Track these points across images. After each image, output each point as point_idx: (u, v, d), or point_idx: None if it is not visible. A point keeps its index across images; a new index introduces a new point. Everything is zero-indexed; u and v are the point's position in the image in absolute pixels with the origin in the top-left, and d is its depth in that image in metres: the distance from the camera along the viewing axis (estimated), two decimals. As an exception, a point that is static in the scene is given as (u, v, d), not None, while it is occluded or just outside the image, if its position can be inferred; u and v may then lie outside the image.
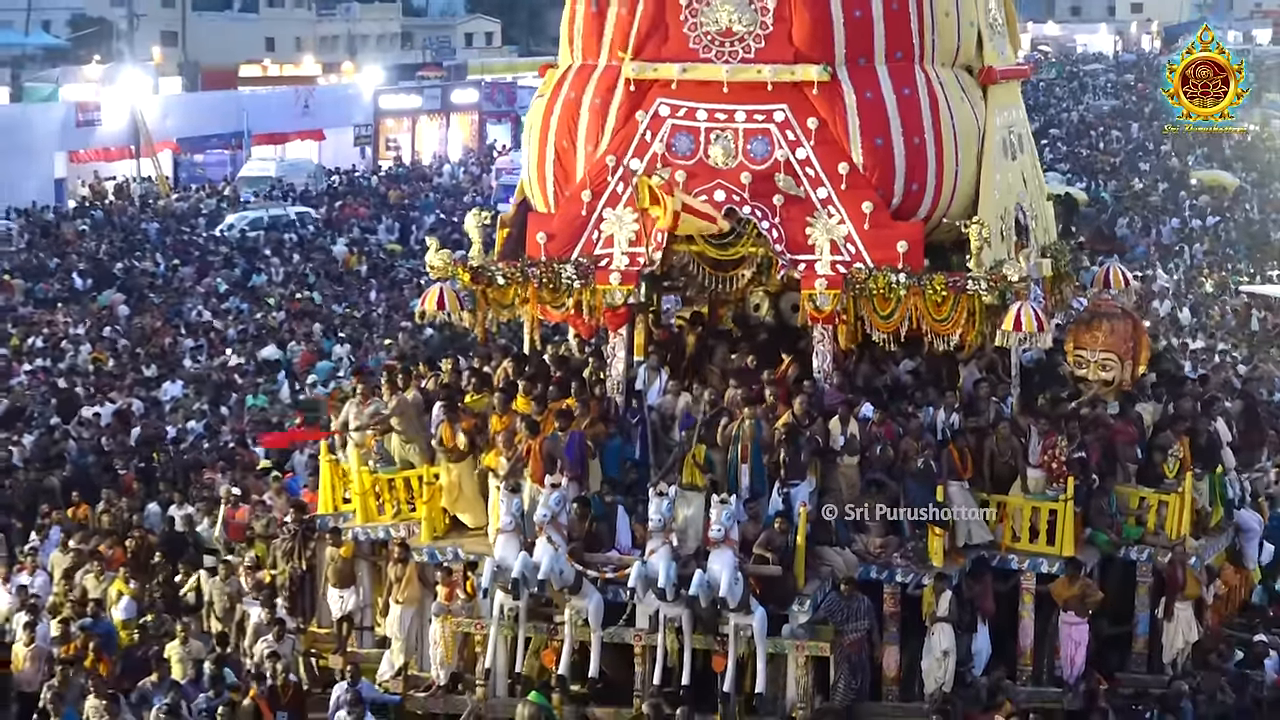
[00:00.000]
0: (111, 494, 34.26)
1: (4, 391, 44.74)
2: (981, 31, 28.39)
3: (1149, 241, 68.30)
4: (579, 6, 28.06)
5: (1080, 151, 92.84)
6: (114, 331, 52.81)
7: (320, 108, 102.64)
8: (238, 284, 61.51)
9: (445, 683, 26.35)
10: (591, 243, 27.28)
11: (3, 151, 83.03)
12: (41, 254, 67.43)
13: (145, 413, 42.20)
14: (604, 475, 26.49)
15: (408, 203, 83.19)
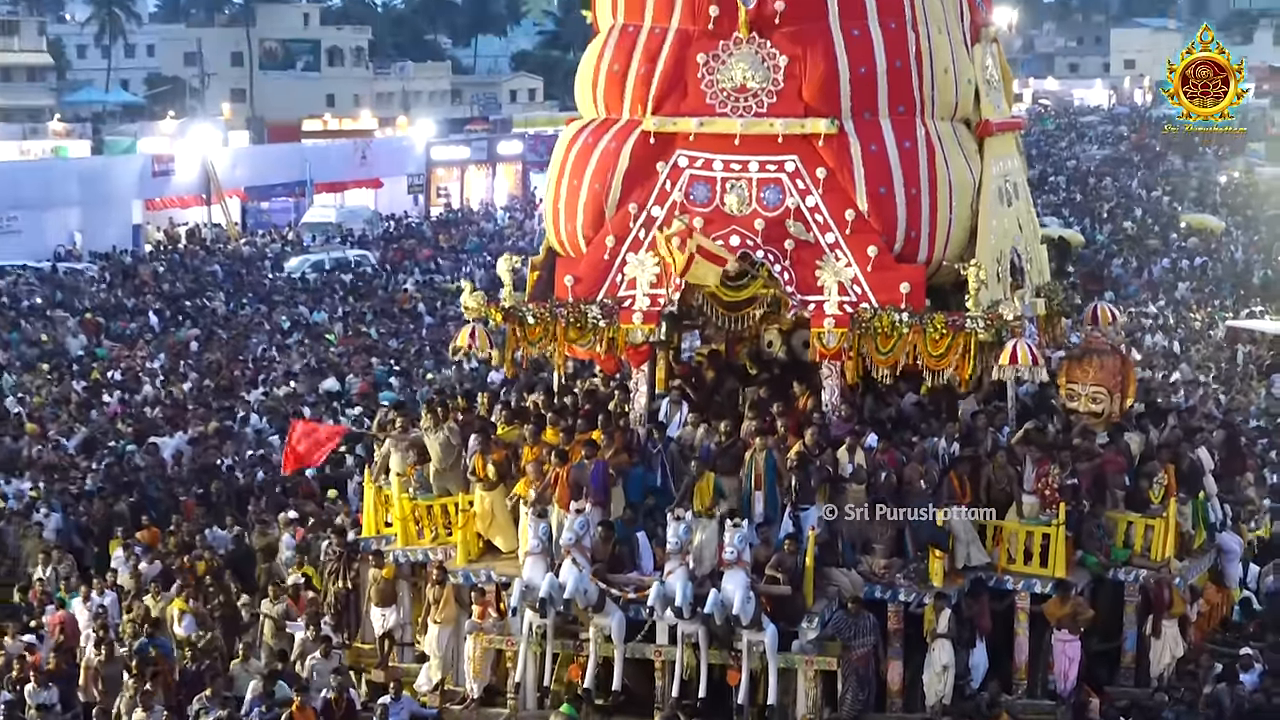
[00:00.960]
0: (179, 518, 34.18)
1: (83, 421, 44.55)
2: (978, 87, 28.17)
3: (1141, 281, 68.04)
4: (602, 64, 27.79)
5: (1075, 196, 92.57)
6: (186, 365, 52.63)
7: (376, 158, 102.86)
8: (300, 321, 61.39)
9: (479, 696, 26.08)
10: (615, 285, 27.07)
11: (85, 200, 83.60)
12: (120, 294, 67.63)
13: (211, 442, 42.12)
14: (626, 501, 26.20)
15: (456, 245, 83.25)
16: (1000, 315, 25.83)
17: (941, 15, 27.51)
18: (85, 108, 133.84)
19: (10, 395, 48.31)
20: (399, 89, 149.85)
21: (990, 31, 28.88)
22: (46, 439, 42.43)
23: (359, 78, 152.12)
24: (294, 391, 48.29)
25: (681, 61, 27.09)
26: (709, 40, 26.99)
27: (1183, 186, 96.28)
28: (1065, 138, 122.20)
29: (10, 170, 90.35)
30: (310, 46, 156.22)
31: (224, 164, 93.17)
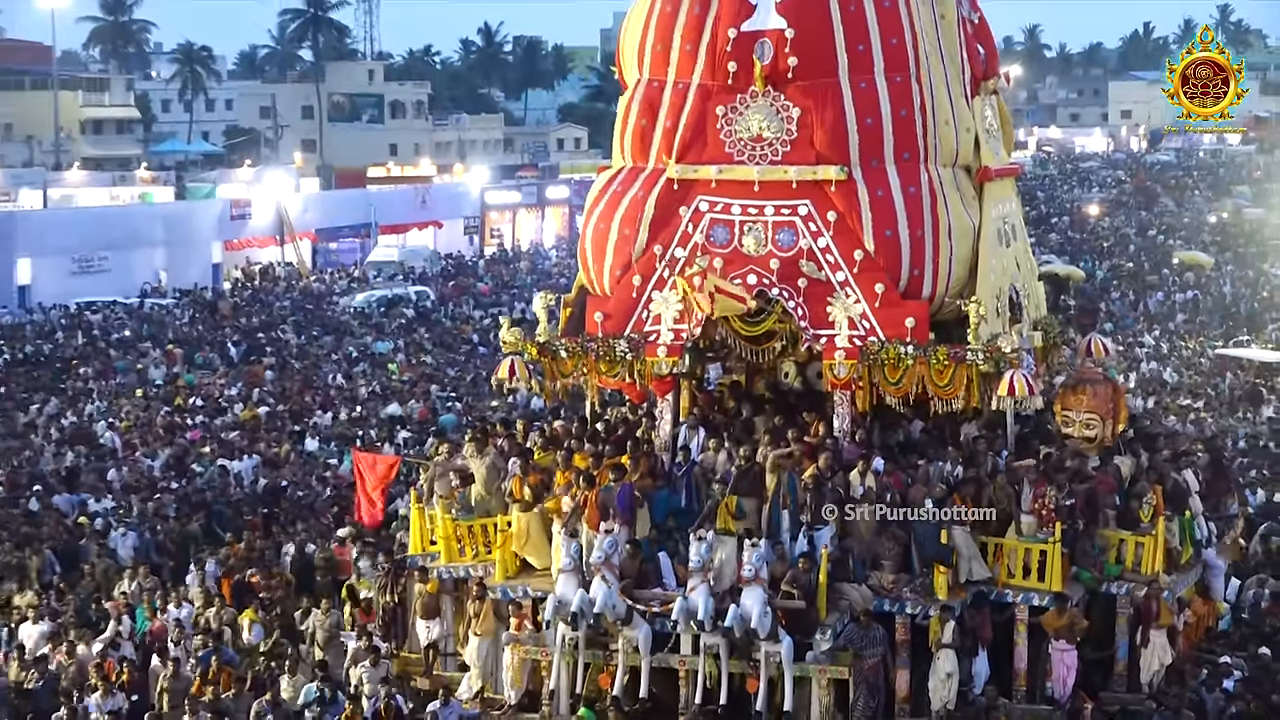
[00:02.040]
0: (249, 535, 34.05)
1: (168, 444, 44.62)
2: (978, 136, 27.91)
3: (1137, 313, 67.85)
4: (630, 118, 27.69)
5: (1074, 235, 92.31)
6: (261, 393, 52.57)
7: (435, 202, 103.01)
8: (365, 351, 61.32)
9: (516, 702, 25.86)
10: (642, 321, 26.93)
11: (169, 241, 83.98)
12: (201, 327, 67.92)
13: (280, 463, 42.10)
14: (652, 522, 25.99)
15: (508, 281, 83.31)
16: (999, 348, 25.61)
17: (943, 69, 27.27)
18: (169, 157, 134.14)
19: (101, 420, 48.39)
20: (456, 139, 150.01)
21: (990, 84, 28.69)
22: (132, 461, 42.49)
23: (419, 129, 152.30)
24: (360, 416, 48.35)
25: (702, 114, 27.03)
26: (727, 94, 26.90)
27: (1175, 226, 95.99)
28: (1067, 182, 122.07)
29: (101, 214, 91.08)
30: (375, 100, 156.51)
31: (296, 208, 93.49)
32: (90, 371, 56.49)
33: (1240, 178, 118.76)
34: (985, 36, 28.75)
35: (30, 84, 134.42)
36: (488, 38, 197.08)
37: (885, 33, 26.64)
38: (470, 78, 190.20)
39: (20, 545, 34.24)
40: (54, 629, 28.66)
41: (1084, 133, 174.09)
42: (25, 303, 73.76)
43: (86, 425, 47.66)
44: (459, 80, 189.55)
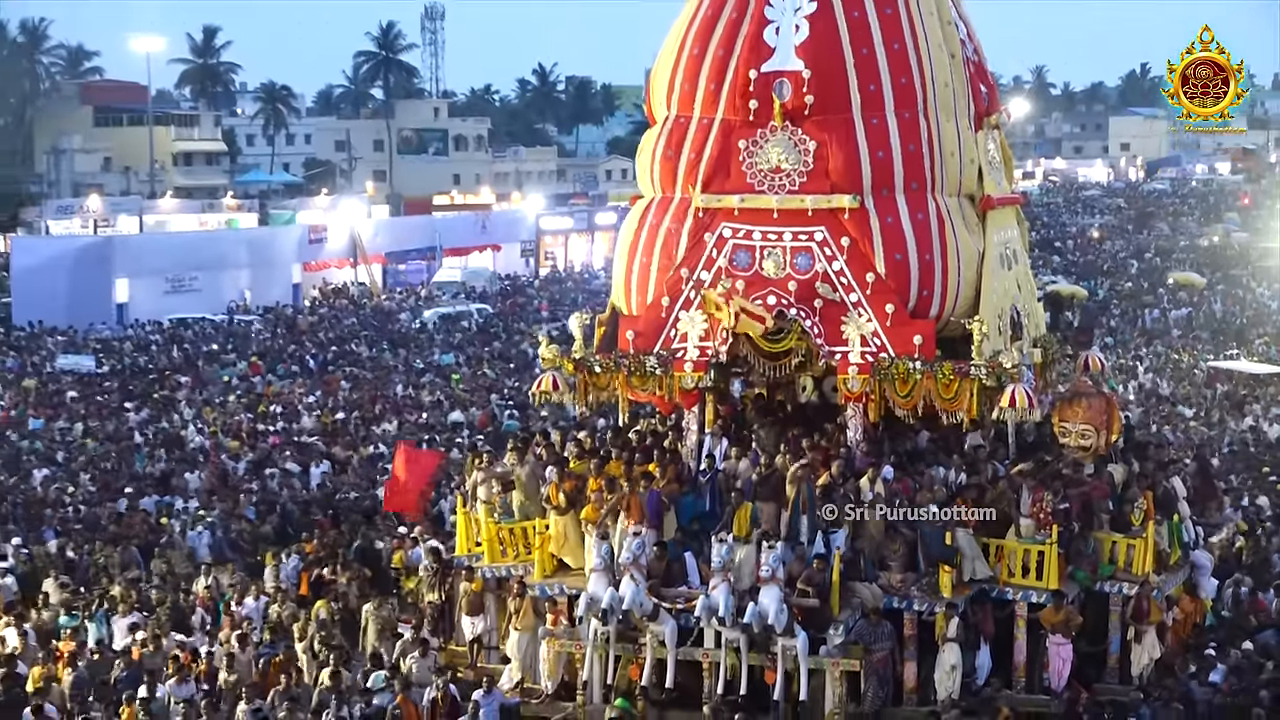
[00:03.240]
0: (320, 533, 33.79)
1: (252, 448, 44.59)
2: (981, 167, 27.46)
3: (1136, 329, 67.42)
4: (657, 150, 27.38)
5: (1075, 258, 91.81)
6: (335, 402, 52.41)
7: (495, 228, 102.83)
8: (431, 363, 61.06)
9: (553, 692, 25.52)
10: (670, 339, 26.62)
11: (254, 263, 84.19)
12: (282, 341, 67.81)
13: (341, 468, 41.86)
14: (678, 525, 25.72)
15: (559, 299, 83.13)
16: (1001, 364, 25.23)
17: (950, 105, 26.87)
18: (253, 186, 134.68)
19: (191, 425, 48.42)
20: (513, 170, 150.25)
21: (992, 120, 28.25)
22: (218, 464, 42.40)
23: (480, 160, 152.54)
24: (426, 422, 48.10)
25: (726, 147, 26.72)
26: (749, 129, 26.58)
27: (1170, 248, 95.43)
28: (1071, 209, 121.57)
29: (192, 239, 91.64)
30: (440, 135, 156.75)
31: (368, 233, 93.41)
32: (181, 381, 56.53)
33: (1230, 205, 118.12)
34: (986, 76, 28.34)
35: (128, 120, 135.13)
36: (542, 78, 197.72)
37: (895, 73, 26.28)
38: (527, 114, 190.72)
39: (107, 544, 34.05)
40: (138, 622, 28.35)
41: (1086, 164, 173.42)
42: (123, 319, 73.86)
43: (177, 431, 47.64)
44: (516, 116, 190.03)
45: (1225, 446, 41.99)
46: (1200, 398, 50.72)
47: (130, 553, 33.25)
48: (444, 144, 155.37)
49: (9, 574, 31.79)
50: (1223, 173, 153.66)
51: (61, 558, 33.16)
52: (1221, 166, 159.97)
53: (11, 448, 45.47)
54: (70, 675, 25.90)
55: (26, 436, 47.30)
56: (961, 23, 27.92)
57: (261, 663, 26.12)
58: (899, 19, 26.39)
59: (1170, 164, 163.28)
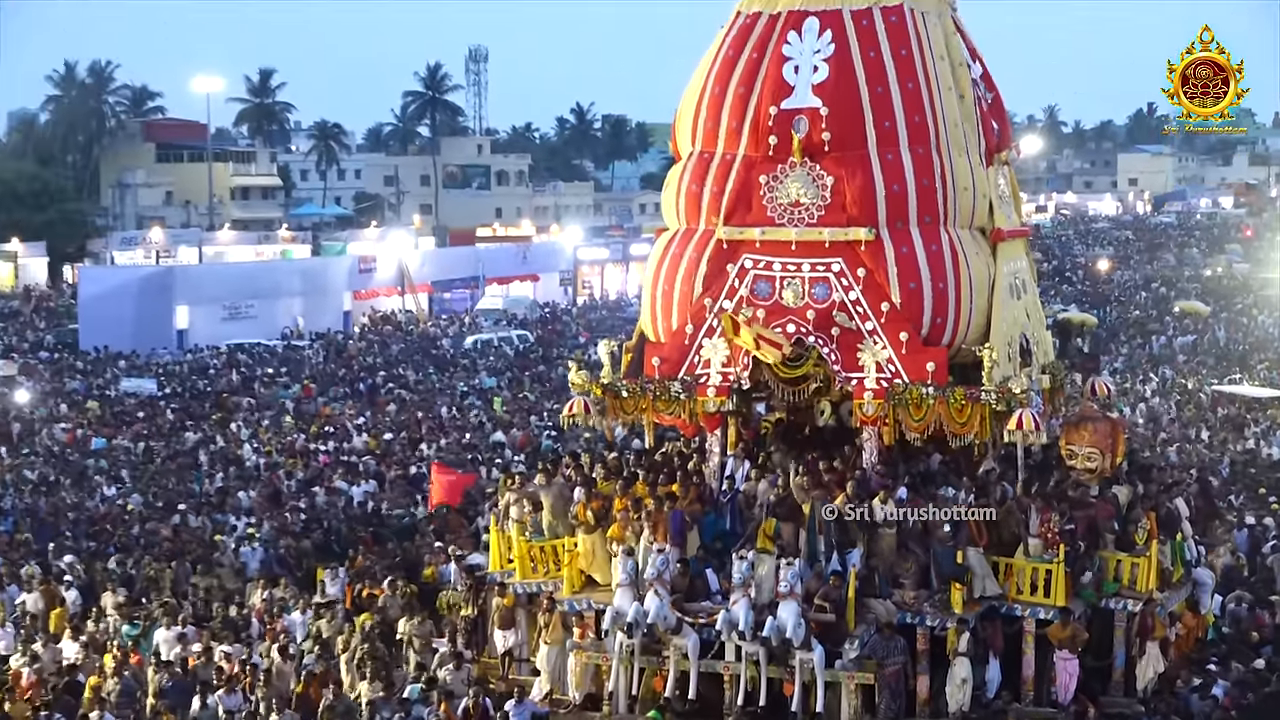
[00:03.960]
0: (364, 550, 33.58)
1: (304, 467, 44.57)
2: (992, 202, 27.15)
3: (1144, 354, 67.01)
4: (682, 185, 27.19)
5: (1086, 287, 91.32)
6: (384, 423, 52.33)
7: (535, 258, 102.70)
8: (474, 387, 60.94)
9: (580, 702, 25.28)
10: (694, 365, 26.38)
11: (307, 291, 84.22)
12: (333, 365, 67.65)
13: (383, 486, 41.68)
14: (701, 542, 25.45)
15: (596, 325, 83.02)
16: (1010, 389, 24.93)
17: (962, 142, 26.59)
18: (306, 219, 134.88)
19: (247, 445, 48.43)
20: (552, 203, 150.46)
21: (1002, 156, 27.98)
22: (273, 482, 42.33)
23: (521, 195, 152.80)
24: (469, 442, 47.86)
25: (747, 182, 26.49)
26: (769, 164, 26.36)
27: (1176, 278, 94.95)
28: (1081, 240, 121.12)
29: (249, 269, 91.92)
30: (483, 170, 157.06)
31: (415, 263, 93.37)
32: (238, 403, 56.52)
33: (1232, 237, 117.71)
34: (999, 113, 28.02)
35: (188, 157, 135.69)
36: (580, 116, 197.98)
37: (909, 111, 25.99)
38: (565, 151, 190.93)
39: (160, 559, 33.91)
40: (186, 634, 28.15)
41: (1096, 198, 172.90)
42: (183, 344, 74.01)
43: (234, 450, 47.60)
44: (555, 153, 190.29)
45: (1224, 467, 41.56)
46: (1202, 421, 50.32)
47: (183, 568, 33.11)
48: (487, 179, 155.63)
49: (70, 587, 31.67)
50: (1226, 207, 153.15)
51: (120, 572, 33.02)
52: (1225, 201, 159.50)
53: (76, 466, 45.49)
54: (116, 684, 25.73)
55: (90, 455, 47.35)
56: (975, 63, 27.66)
57: (303, 674, 25.88)
58: (912, 60, 26.12)
59: (1176, 198, 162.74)
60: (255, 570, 33.70)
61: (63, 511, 39.51)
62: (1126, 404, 51.62)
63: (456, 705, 24.01)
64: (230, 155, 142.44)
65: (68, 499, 41.08)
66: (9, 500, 40.91)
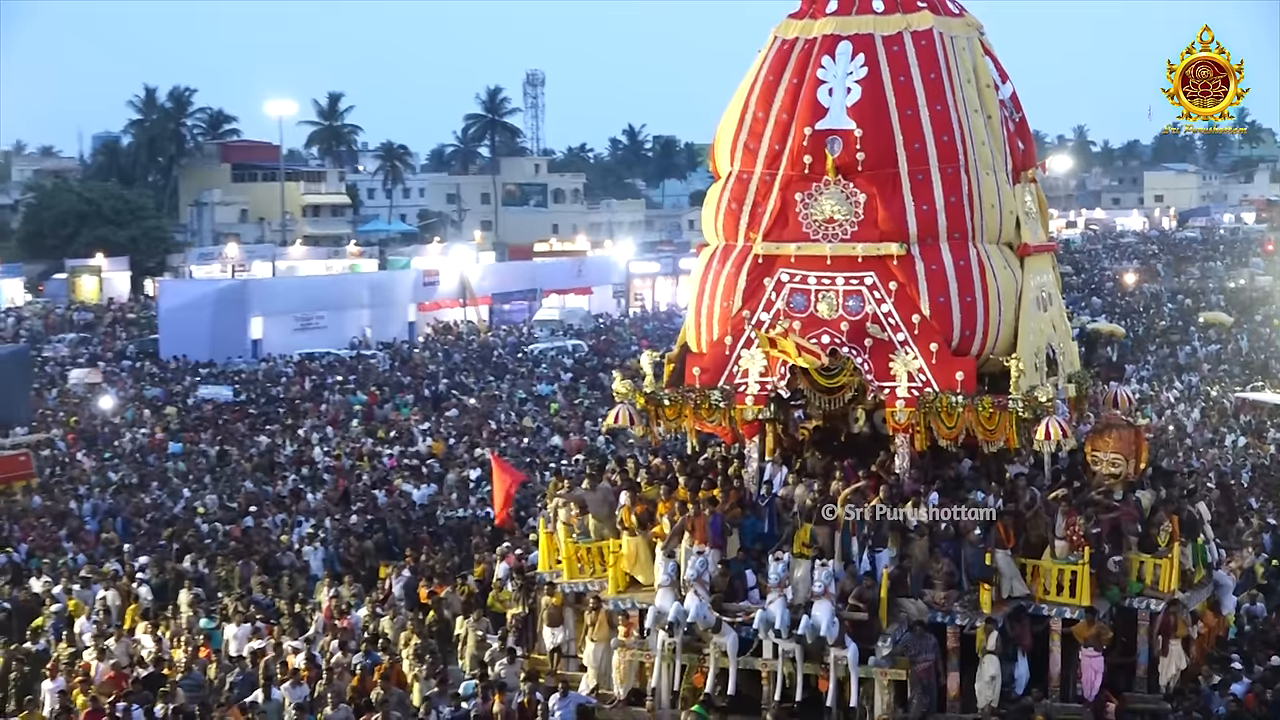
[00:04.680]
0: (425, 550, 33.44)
1: (372, 468, 44.78)
2: (1019, 218, 26.76)
3: (1170, 364, 66.41)
4: (721, 203, 26.88)
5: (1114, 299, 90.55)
6: (446, 428, 52.21)
7: (589, 271, 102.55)
8: (532, 394, 60.85)
9: (625, 697, 25.00)
10: (733, 374, 26.09)
11: (373, 303, 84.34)
12: (399, 373, 67.57)
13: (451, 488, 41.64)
14: (740, 545, 25.17)
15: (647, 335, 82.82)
16: (1036, 398, 24.61)
17: (989, 161, 26.19)
18: (373, 235, 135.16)
19: (317, 449, 48.57)
20: (606, 220, 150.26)
21: (1029, 174, 27.62)
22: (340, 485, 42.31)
23: (576, 211, 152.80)
24: (528, 446, 47.82)
25: (783, 200, 26.22)
26: (805, 183, 26.08)
27: (1200, 290, 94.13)
28: (1109, 255, 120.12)
29: (319, 282, 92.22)
30: (540, 189, 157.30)
31: (476, 276, 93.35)
32: (309, 409, 56.62)
33: (1254, 251, 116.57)
34: (1025, 133, 27.65)
35: (262, 176, 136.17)
36: (632, 137, 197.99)
37: (938, 131, 25.65)
38: (618, 170, 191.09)
39: (229, 558, 33.88)
40: (254, 630, 28.05)
41: (1123, 214, 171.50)
42: (258, 353, 74.18)
43: (306, 453, 47.63)
44: (609, 172, 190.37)
45: (1246, 471, 41.08)
46: (1225, 426, 49.83)
47: (250, 566, 33.06)
48: (544, 197, 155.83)
49: (145, 584, 31.67)
50: (1248, 222, 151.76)
51: (194, 571, 33.00)
52: (1247, 216, 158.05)
53: (156, 469, 45.60)
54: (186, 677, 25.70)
55: (168, 459, 47.47)
56: (1004, 85, 27.30)
57: (361, 669, 25.72)
58: (941, 83, 25.81)
59: (1200, 214, 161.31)
60: (317, 569, 33.63)
61: (143, 512, 39.59)
62: (1154, 410, 51.16)
63: (510, 699, 23.84)
64: (301, 175, 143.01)
65: (147, 500, 41.15)
66: (94, 502, 41.03)
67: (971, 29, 26.97)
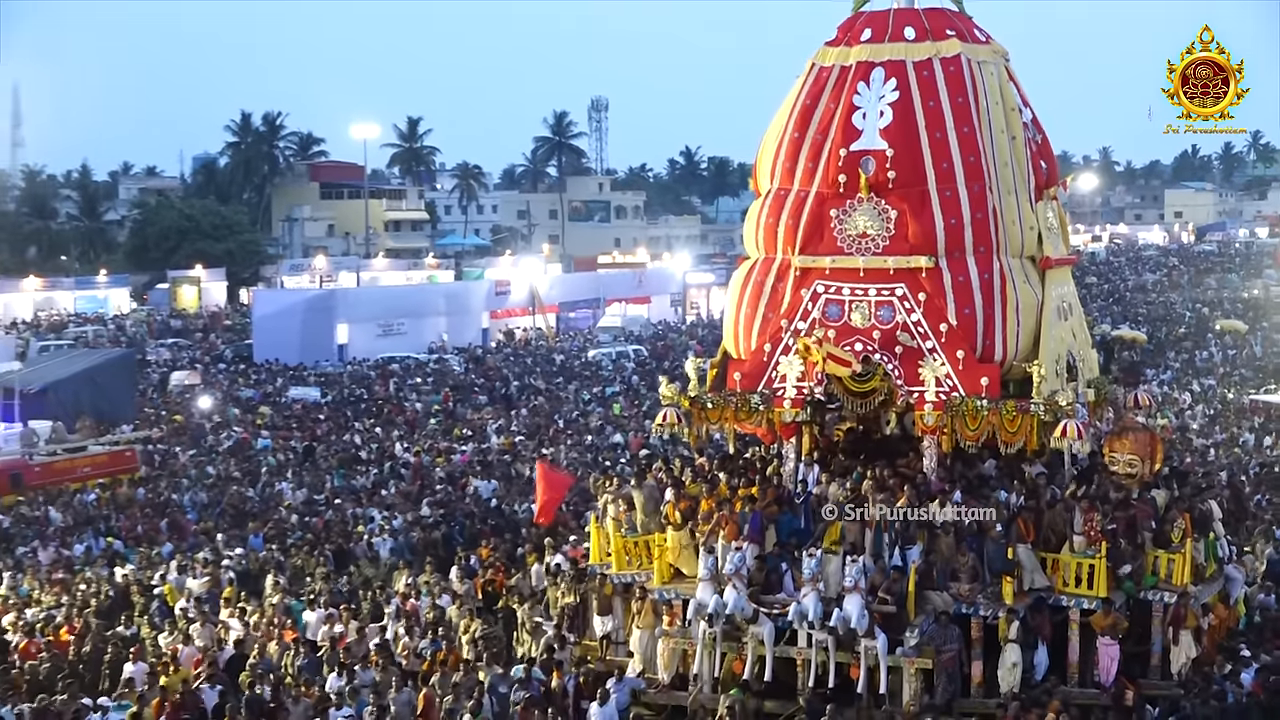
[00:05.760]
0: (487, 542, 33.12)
1: (447, 463, 44.73)
2: (1041, 233, 26.26)
3: (1188, 368, 65.46)
4: (761, 219, 26.47)
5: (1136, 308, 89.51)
6: (516, 426, 52.06)
7: (649, 282, 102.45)
8: (596, 395, 60.61)
9: (668, 682, 24.52)
10: (771, 379, 25.61)
11: (450, 311, 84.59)
12: (473, 376, 67.50)
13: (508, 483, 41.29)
14: (776, 540, 24.64)
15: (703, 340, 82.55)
16: (1057, 402, 24.05)
17: (1011, 181, 25.70)
18: (450, 248, 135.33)
19: (397, 445, 48.60)
20: (664, 234, 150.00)
21: (1050, 191, 27.05)
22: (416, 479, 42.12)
23: (637, 227, 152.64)
24: (591, 444, 47.57)
25: (819, 216, 25.79)
26: (839, 200, 25.64)
27: (1217, 300, 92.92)
28: (1132, 266, 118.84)
29: (400, 292, 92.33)
30: (603, 205, 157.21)
31: (544, 287, 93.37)
32: (390, 409, 56.49)
33: (1267, 263, 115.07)
34: (1047, 153, 27.10)
35: (348, 194, 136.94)
36: (688, 158, 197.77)
37: (965, 151, 25.22)
38: (675, 188, 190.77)
39: (303, 547, 33.68)
40: (330, 615, 27.78)
41: (1145, 229, 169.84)
42: (343, 357, 74.39)
43: (387, 450, 47.51)
44: (667, 190, 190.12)
45: (1254, 469, 40.30)
46: (1236, 426, 49.04)
47: (324, 556, 32.82)
48: (607, 213, 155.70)
49: (232, 571, 31.49)
50: (1262, 236, 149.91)
51: (274, 559, 32.81)
52: (1261, 231, 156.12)
53: (251, 464, 45.63)
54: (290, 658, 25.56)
55: (259, 454, 47.47)
56: (1026, 109, 26.78)
57: (429, 654, 25.41)
58: (968, 107, 25.37)
59: (1217, 229, 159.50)
60: (387, 558, 33.37)
61: (237, 504, 39.55)
62: (1173, 411, 50.40)
63: (566, 680, 23.61)
64: (384, 193, 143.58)
65: (240, 493, 41.10)
66: (193, 494, 41.04)
67: (997, 56, 26.48)
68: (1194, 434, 47.08)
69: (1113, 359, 29.61)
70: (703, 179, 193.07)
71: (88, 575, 31.73)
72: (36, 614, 28.53)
